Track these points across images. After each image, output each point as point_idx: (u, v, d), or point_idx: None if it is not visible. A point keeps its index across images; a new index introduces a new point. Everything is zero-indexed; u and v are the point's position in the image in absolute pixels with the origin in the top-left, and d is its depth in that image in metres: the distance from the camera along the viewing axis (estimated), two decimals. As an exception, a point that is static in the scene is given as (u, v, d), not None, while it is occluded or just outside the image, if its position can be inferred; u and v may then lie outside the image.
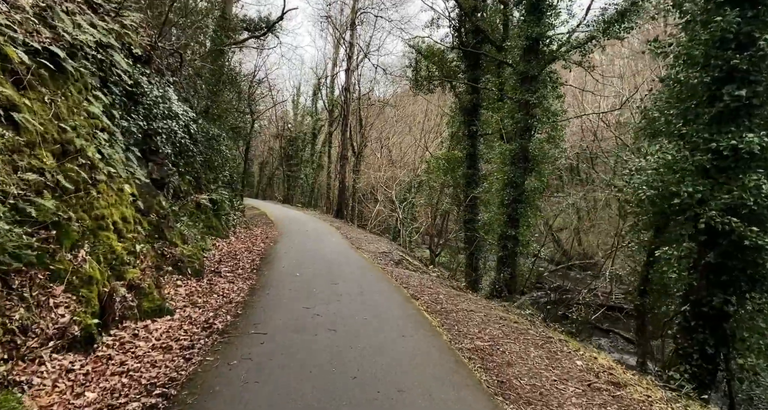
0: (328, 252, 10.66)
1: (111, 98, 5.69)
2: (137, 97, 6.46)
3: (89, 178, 4.69)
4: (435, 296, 6.90)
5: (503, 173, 12.10)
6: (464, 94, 18.99)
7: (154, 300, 5.19)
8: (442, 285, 8.67)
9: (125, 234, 5.34)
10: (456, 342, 4.73)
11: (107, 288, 4.53)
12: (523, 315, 6.75)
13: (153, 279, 5.50)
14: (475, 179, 18.38)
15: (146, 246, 6.21)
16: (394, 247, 13.74)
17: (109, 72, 5.63)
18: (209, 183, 12.46)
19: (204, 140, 11.85)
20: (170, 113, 7.39)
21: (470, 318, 5.65)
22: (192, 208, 10.82)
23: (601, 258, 24.00)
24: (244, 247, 10.93)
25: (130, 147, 6.06)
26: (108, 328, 4.44)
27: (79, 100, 4.89)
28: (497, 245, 12.12)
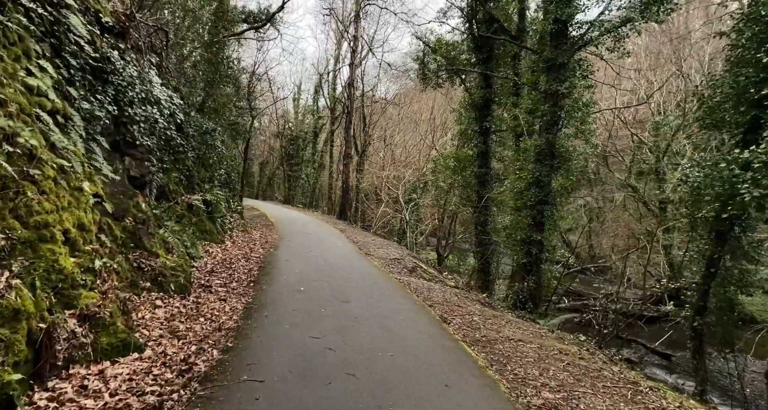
0: (335, 259, 9.41)
1: (67, 73, 4.43)
2: (106, 75, 5.21)
3: (23, 173, 3.44)
4: (469, 318, 5.66)
5: (527, 171, 10.87)
6: (475, 88, 17.74)
7: (117, 332, 3.94)
8: (469, 300, 7.43)
9: (81, 246, 4.08)
10: (518, 394, 3.49)
11: (45, 324, 3.28)
12: (576, 343, 5.51)
13: (119, 303, 4.24)
14: (488, 178, 17.16)
15: (116, 260, 4.96)
16: (406, 252, 12.50)
17: (64, 39, 4.37)
18: (203, 182, 11.20)
19: (197, 135, 10.59)
20: (150, 98, 6.13)
21: (522, 351, 4.42)
22: (182, 210, 9.57)
23: (615, 261, 22.81)
24: (241, 253, 9.67)
25: (94, 136, 4.80)
26: (44, 380, 3.19)
27: (14, 70, 3.64)
28: (520, 251, 10.89)
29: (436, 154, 23.43)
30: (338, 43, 28.01)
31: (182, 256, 6.71)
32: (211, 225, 10.45)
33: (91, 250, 4.21)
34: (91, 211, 4.44)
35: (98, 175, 4.81)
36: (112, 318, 3.96)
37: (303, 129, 35.73)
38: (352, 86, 21.23)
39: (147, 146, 6.51)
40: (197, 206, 9.97)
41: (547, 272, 11.08)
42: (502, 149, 18.14)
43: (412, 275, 9.79)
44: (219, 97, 14.57)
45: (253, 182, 47.35)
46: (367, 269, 8.74)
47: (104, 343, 3.76)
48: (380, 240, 14.57)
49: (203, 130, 10.71)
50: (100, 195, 4.78)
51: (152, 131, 6.61)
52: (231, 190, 16.86)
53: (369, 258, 10.30)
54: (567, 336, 5.92)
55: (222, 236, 10.80)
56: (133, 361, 3.79)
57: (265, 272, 7.97)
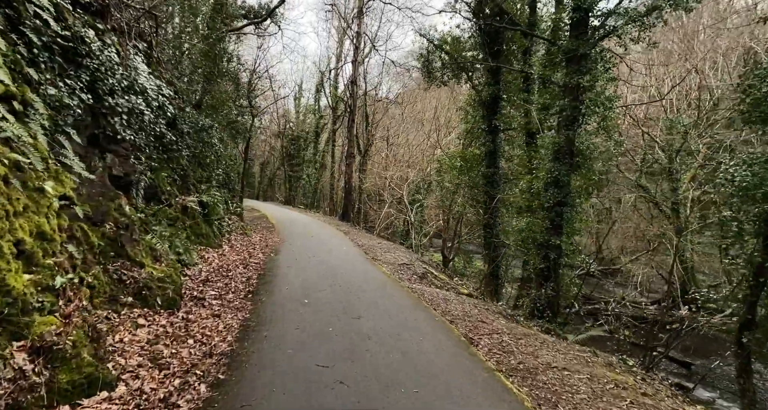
0: (341, 265, 8.66)
1: (27, 51, 3.68)
2: (80, 58, 4.46)
3: (-45, 169, 2.69)
4: (498, 338, 4.91)
5: (544, 170, 10.12)
6: (483, 85, 17.01)
7: (82, 366, 3.18)
8: (490, 312, 6.68)
9: (40, 260, 3.33)
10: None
11: (-21, 364, 2.54)
12: (628, 371, 4.75)
13: (87, 328, 3.49)
14: (496, 178, 16.42)
15: (91, 272, 4.22)
16: (414, 257, 11.75)
17: (23, 10, 3.62)
18: (199, 183, 10.47)
19: (192, 132, 9.84)
20: (136, 87, 5.38)
21: (571, 384, 3.68)
22: (176, 213, 8.84)
23: (625, 264, 22.03)
24: (239, 259, 8.93)
25: (63, 128, 4.05)
26: (-25, 439, 2.45)
27: (-52, 41, 2.89)
28: (536, 256, 10.13)
29: (441, 154, 22.70)
30: (340, 40, 27.29)
31: (172, 265, 5.96)
32: (208, 229, 9.70)
33: (53, 264, 3.46)
34: (55, 216, 3.69)
35: (68, 173, 4.07)
36: (75, 347, 3.20)
37: (304, 129, 34.99)
38: (354, 84, 20.48)
39: (133, 141, 5.76)
40: (192, 208, 9.23)
41: (565, 278, 10.32)
42: (511, 149, 17.39)
43: (424, 283, 9.04)
44: (217, 94, 13.83)
45: (254, 182, 46.62)
46: (375, 276, 7.99)
47: (64, 381, 3.01)
48: (386, 243, 13.83)
49: (199, 127, 9.96)
50: (70, 197, 4.04)
51: (139, 125, 5.86)
52: (230, 191, 16.13)
53: (376, 264, 9.55)
54: (611, 359, 5.17)
55: (219, 240, 10.06)
56: (101, 403, 3.04)
57: (264, 280, 7.22)
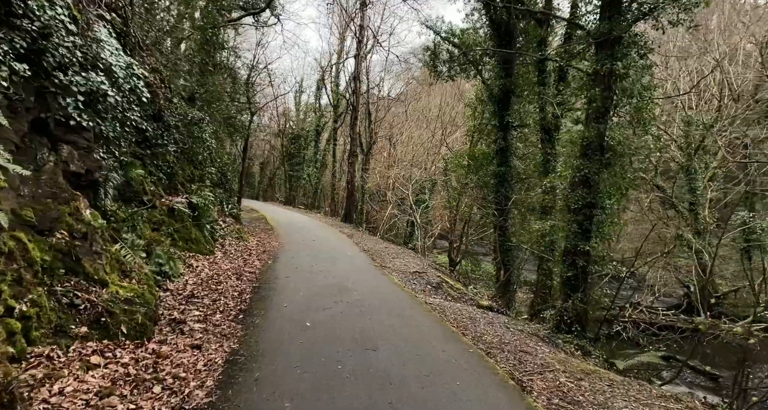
0: (347, 275, 7.58)
1: None
2: (15, 19, 3.37)
3: None
4: (552, 377, 3.84)
5: (570, 168, 9.06)
6: (494, 79, 15.92)
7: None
8: (526, 335, 5.62)
9: None
10: None
11: None
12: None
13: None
14: (508, 178, 15.36)
15: (27, 298, 3.15)
16: (426, 263, 10.67)
17: None
18: (190, 182, 9.38)
19: (181, 126, 8.76)
20: (98, 63, 4.29)
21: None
22: (161, 215, 7.75)
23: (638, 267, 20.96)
24: (232, 268, 7.85)
25: (-19, 106, 2.96)
26: None
27: None
28: (562, 263, 9.06)
29: (448, 152, 21.62)
30: (342, 36, 26.19)
31: (147, 280, 4.87)
32: (198, 233, 8.61)
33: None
34: (-43, 227, 2.61)
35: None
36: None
37: (305, 127, 33.90)
38: (357, 79, 19.40)
39: (98, 130, 4.67)
40: (180, 211, 8.15)
41: (595, 288, 9.24)
42: (524, 146, 16.32)
43: (440, 294, 7.97)
44: (212, 87, 12.74)
45: (254, 182, 45.53)
46: (387, 289, 6.91)
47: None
48: (393, 247, 12.74)
49: (188, 120, 8.88)
50: (-10, 200, 2.95)
51: (110, 113, 4.77)
52: (226, 191, 15.05)
53: (386, 272, 8.47)
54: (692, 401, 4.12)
55: (211, 246, 8.97)
56: None
57: (260, 295, 6.14)
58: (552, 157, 13.72)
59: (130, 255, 4.73)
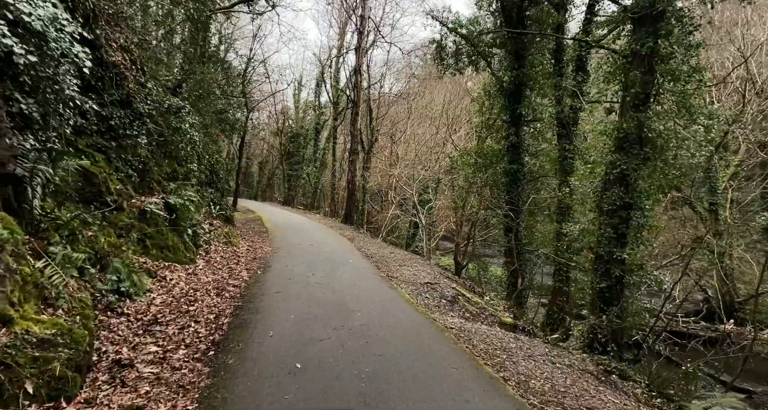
0: (349, 290, 6.33)
1: None
2: None
3: None
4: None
5: (602, 165, 7.82)
6: (505, 71, 14.70)
7: None
8: (575, 371, 4.38)
9: None
10: None
11: None
12: None
13: None
14: (520, 176, 14.14)
15: None
16: (437, 271, 9.42)
17: None
18: (168, 180, 8.11)
19: (156, 114, 7.50)
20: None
21: None
22: (130, 219, 6.50)
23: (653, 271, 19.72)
24: (213, 281, 6.59)
25: None
26: None
27: None
28: (593, 273, 7.82)
29: (453, 150, 20.37)
30: (342, 30, 24.89)
31: (82, 308, 3.60)
32: (176, 239, 7.35)
33: None
34: None
35: None
36: None
37: (304, 125, 32.61)
38: (358, 73, 18.14)
39: (15, 109, 3.40)
40: (154, 213, 6.89)
41: (632, 302, 7.99)
42: (536, 143, 15.09)
43: (456, 310, 6.73)
44: (200, 75, 11.46)
45: (252, 182, 44.29)
46: (397, 307, 5.66)
47: None
48: (399, 253, 11.47)
49: (166, 108, 7.61)
50: None
51: (23, 79, 3.50)
52: (218, 190, 13.79)
53: (393, 284, 7.22)
54: None
55: (192, 253, 7.70)
56: None
57: (241, 319, 4.88)
58: (570, 153, 12.49)
59: (58, 276, 3.46)
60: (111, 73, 6.39)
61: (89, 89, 6.15)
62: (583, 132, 13.35)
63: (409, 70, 30.06)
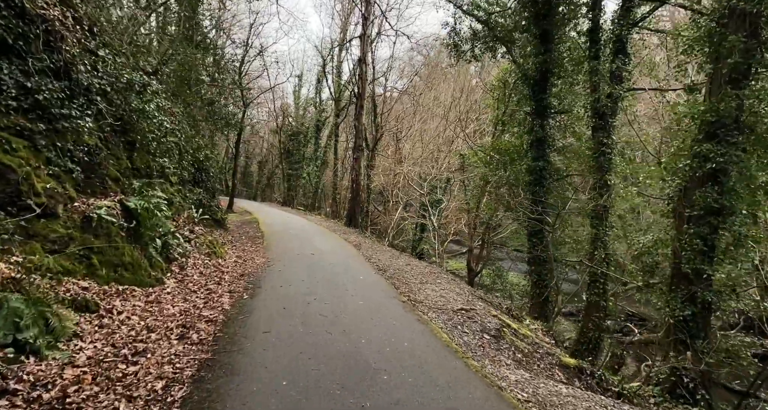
0: (364, 327, 4.54)
1: None
2: None
3: None
4: None
5: (680, 157, 6.03)
6: (528, 57, 12.90)
7: None
8: None
9: None
10: None
11: None
12: None
13: None
14: (545, 174, 12.35)
15: None
16: (466, 290, 7.58)
17: None
18: (129, 177, 6.27)
19: (112, 91, 5.66)
20: None
21: None
22: (68, 229, 4.71)
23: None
24: (180, 312, 4.78)
25: None
26: None
27: None
28: (669, 294, 6.03)
29: (464, 147, 18.56)
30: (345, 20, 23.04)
31: None
32: (136, 253, 5.52)
33: None
34: None
35: None
36: None
37: (304, 123, 30.75)
38: (363, 62, 16.32)
39: None
40: (103, 221, 5.07)
41: (719, 338, 6.17)
42: (562, 137, 13.28)
43: (504, 348, 4.95)
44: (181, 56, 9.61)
45: (252, 181, 42.43)
46: (435, 356, 3.87)
47: None
48: (415, 264, 9.64)
49: (124, 84, 5.77)
50: None
51: None
52: (207, 190, 11.97)
53: (419, 313, 5.41)
54: None
55: (160, 271, 5.88)
56: None
57: (203, 391, 3.06)
58: (607, 148, 10.71)
59: None
60: (38, 30, 4.56)
61: (2, 50, 4.34)
62: (621, 124, 11.55)
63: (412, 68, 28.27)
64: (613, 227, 10.90)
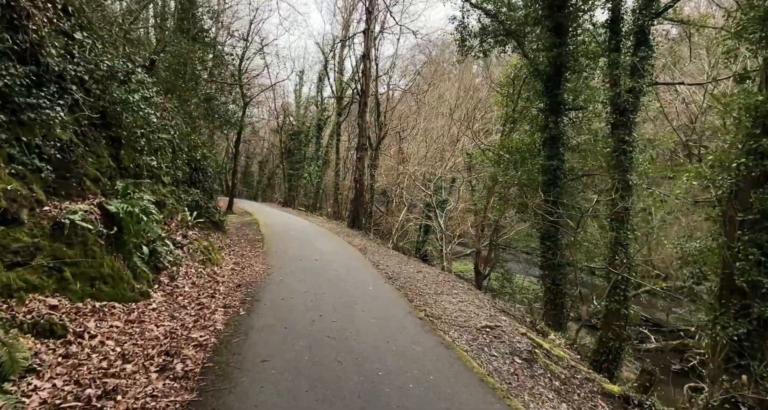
0: (383, 356, 3.82)
1: None
2: None
3: None
4: None
5: (740, 154, 5.33)
6: (541, 50, 12.20)
7: None
8: None
9: None
10: None
11: None
12: None
13: None
14: (560, 174, 11.64)
15: None
16: (487, 304, 6.86)
17: None
18: (114, 177, 5.56)
19: (90, 80, 4.95)
20: None
21: None
22: (36, 237, 4.01)
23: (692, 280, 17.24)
24: (164, 334, 4.07)
25: None
26: None
27: None
28: (718, 309, 5.32)
29: (470, 146, 17.84)
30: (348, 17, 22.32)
31: None
32: (118, 264, 4.81)
33: None
34: None
35: None
36: None
37: (305, 122, 30.01)
38: (367, 58, 15.60)
39: None
40: (78, 227, 4.36)
41: None
42: (575, 135, 12.57)
43: (539, 373, 4.25)
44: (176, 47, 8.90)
45: (252, 182, 41.71)
46: (462, 386, 3.19)
47: None
48: (427, 270, 8.91)
49: (105, 71, 5.06)
50: None
51: None
52: (204, 191, 11.26)
53: (441, 332, 4.70)
54: None
55: (146, 284, 5.17)
56: None
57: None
58: (629, 146, 10.01)
59: None
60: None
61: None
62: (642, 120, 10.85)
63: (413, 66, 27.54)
64: (635, 230, 10.21)
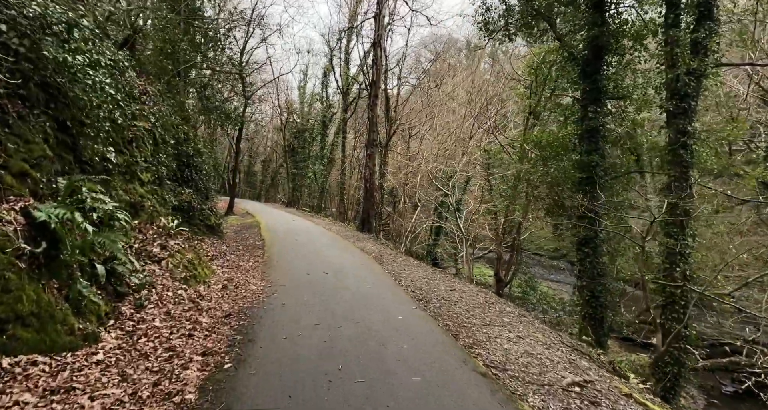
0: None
1: None
2: None
3: None
4: None
5: None
6: (578, 31, 10.62)
7: None
8: None
9: None
10: None
11: None
12: None
13: None
14: (599, 171, 10.05)
15: None
16: (553, 337, 5.30)
17: None
18: (61, 173, 4.04)
19: (8, 29, 3.41)
20: None
21: None
22: None
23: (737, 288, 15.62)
24: (106, 408, 2.52)
25: None
26: None
27: None
28: None
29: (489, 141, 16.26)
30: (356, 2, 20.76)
31: None
32: (46, 296, 3.28)
33: None
34: None
35: None
36: None
37: (310, 120, 28.47)
38: (378, 46, 14.05)
39: None
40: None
41: None
42: (619, 126, 10.97)
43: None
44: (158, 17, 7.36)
45: (255, 181, 40.24)
46: None
47: None
48: (459, 286, 7.32)
49: (31, 19, 3.52)
50: None
51: None
52: (198, 191, 9.76)
53: (507, 386, 3.14)
54: None
55: (95, 320, 3.64)
56: None
57: None
58: (690, 138, 8.43)
59: None
60: None
61: None
62: (705, 108, 9.25)
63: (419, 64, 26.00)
64: (695, 236, 8.65)
